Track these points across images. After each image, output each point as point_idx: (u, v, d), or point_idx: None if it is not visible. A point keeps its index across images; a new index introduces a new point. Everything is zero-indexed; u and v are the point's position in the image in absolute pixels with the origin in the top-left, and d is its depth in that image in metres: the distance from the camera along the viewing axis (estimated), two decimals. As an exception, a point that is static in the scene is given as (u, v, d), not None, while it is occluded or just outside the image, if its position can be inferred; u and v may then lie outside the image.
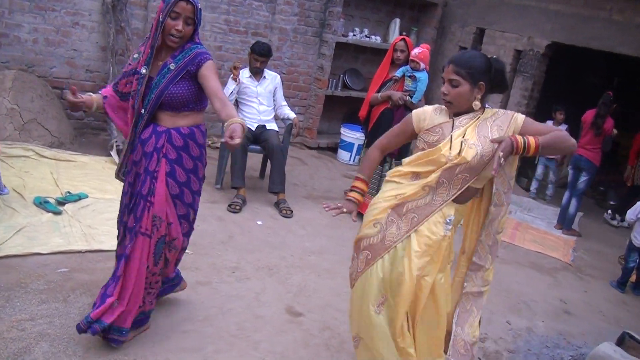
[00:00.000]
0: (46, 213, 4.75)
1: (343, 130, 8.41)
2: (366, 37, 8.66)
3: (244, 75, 6.09)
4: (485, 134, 2.82)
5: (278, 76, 6.34)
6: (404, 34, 8.29)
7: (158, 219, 3.20)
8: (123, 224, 3.36)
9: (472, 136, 2.81)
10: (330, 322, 4.05)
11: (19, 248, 4.14)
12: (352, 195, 3.09)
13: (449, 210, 2.87)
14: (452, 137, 2.81)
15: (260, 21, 7.83)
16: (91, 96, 3.32)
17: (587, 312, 5.20)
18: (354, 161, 8.27)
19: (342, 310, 4.22)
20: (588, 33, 7.45)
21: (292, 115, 6.31)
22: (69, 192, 5.13)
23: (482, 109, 2.90)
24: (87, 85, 6.78)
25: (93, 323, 3.10)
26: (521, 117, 2.87)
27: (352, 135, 8.22)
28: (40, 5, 6.45)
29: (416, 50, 5.84)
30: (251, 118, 6.16)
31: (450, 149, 2.80)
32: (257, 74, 6.13)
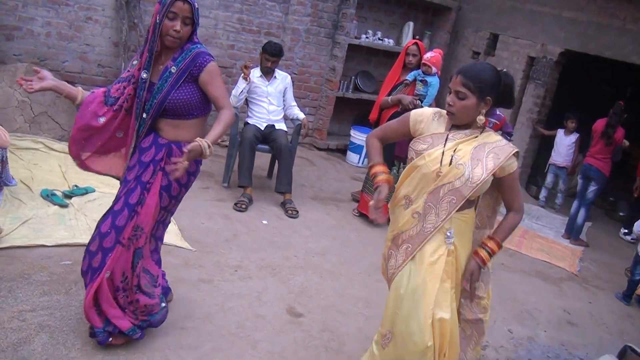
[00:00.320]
0: (52, 206, 4.77)
1: (353, 132, 8.41)
2: (379, 39, 8.64)
3: (254, 74, 6.10)
4: (479, 157, 2.74)
5: (289, 76, 6.35)
6: (417, 37, 8.29)
7: (140, 229, 3.11)
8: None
9: (465, 155, 2.74)
10: (331, 323, 4.05)
11: (24, 239, 4.17)
12: (378, 181, 2.90)
13: (447, 224, 2.80)
14: (444, 151, 2.75)
15: (273, 21, 7.84)
16: (79, 88, 3.18)
17: (590, 323, 5.16)
18: (362, 164, 8.26)
19: (343, 312, 4.22)
20: (601, 42, 7.41)
21: (302, 115, 6.31)
22: (76, 186, 5.16)
23: (481, 128, 2.82)
24: (98, 80, 6.81)
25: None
26: (515, 165, 2.80)
27: (362, 138, 8.20)
28: (54, 0, 6.49)
29: (429, 55, 5.83)
30: (260, 117, 6.17)
31: (441, 162, 2.74)
32: (268, 73, 6.14)
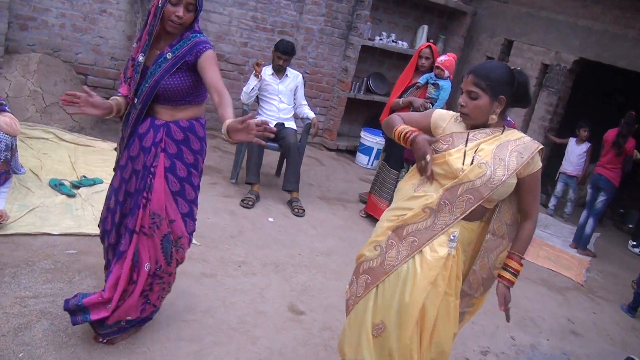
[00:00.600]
0: (60, 195, 4.80)
1: (363, 133, 8.40)
2: (393, 42, 8.64)
3: (266, 72, 6.11)
4: (502, 157, 2.66)
5: (300, 75, 6.35)
6: (431, 41, 8.26)
7: (157, 217, 3.04)
8: (117, 226, 3.17)
9: (487, 155, 2.66)
10: (332, 322, 4.04)
11: (30, 227, 4.19)
12: (410, 130, 2.80)
13: (453, 227, 2.72)
14: (465, 151, 2.68)
15: (287, 20, 7.84)
16: (116, 100, 3.11)
17: (594, 334, 5.13)
18: (372, 165, 8.25)
19: (345, 311, 4.20)
20: (616, 51, 7.36)
21: (312, 115, 6.31)
22: (84, 177, 5.18)
23: (502, 127, 2.75)
24: (110, 72, 6.85)
25: (80, 311, 3.05)
26: (539, 164, 2.72)
27: (372, 140, 8.20)
28: (70, -9, 6.54)
29: (442, 58, 5.81)
30: (270, 115, 6.18)
31: (463, 162, 2.66)
32: (279, 71, 6.15)
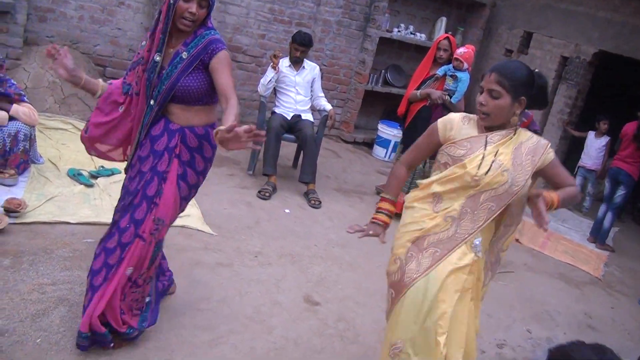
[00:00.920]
0: (78, 185, 4.84)
1: (381, 126, 8.37)
2: (411, 34, 8.58)
3: (283, 64, 6.11)
4: (519, 161, 2.62)
5: (317, 67, 6.34)
6: (449, 33, 8.20)
7: (161, 222, 3.00)
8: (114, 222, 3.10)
9: (507, 160, 2.61)
10: (347, 314, 4.04)
11: (49, 215, 4.23)
12: (377, 218, 2.88)
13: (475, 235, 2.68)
14: (484, 155, 2.61)
15: (304, 12, 7.82)
16: (98, 80, 3.12)
17: (611, 328, 5.08)
18: (389, 158, 8.22)
19: (360, 303, 4.21)
20: (636, 43, 7.26)
21: (329, 107, 6.30)
22: (102, 167, 5.22)
23: (515, 127, 2.70)
24: (129, 64, 6.86)
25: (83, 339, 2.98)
26: (551, 155, 2.70)
27: (390, 132, 8.18)
28: (88, -17, 6.56)
29: (461, 50, 5.77)
30: (287, 107, 6.18)
31: (479, 167, 2.60)
32: (296, 63, 6.14)
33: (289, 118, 6.13)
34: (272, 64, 5.96)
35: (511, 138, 2.67)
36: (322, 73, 6.48)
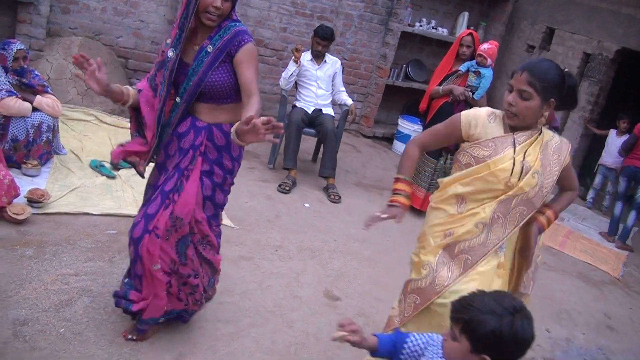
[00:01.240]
0: (100, 176, 4.88)
1: (401, 121, 8.33)
2: (433, 28, 8.52)
3: (305, 58, 6.09)
4: (547, 163, 2.58)
5: (339, 61, 6.32)
6: (471, 28, 8.14)
7: (179, 220, 2.87)
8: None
9: (536, 163, 2.55)
10: (367, 309, 4.04)
11: (71, 206, 4.26)
12: (396, 200, 2.74)
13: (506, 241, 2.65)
14: (514, 160, 2.54)
15: (326, 5, 7.80)
16: (127, 89, 2.93)
17: (630, 329, 5.02)
18: (409, 153, 8.16)
19: (380, 298, 4.20)
20: (661, 41, 7.16)
21: (350, 101, 6.28)
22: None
23: (539, 127, 2.64)
24: (151, 56, 6.89)
25: (126, 299, 3.03)
26: (569, 157, 2.67)
27: (410, 127, 8.12)
28: (112, -25, 6.59)
29: (485, 46, 5.72)
30: (308, 101, 6.17)
31: (512, 172, 2.53)
32: (318, 57, 6.13)
33: (309, 112, 6.12)
34: (294, 57, 5.95)
35: (536, 138, 2.61)
36: (343, 67, 6.45)
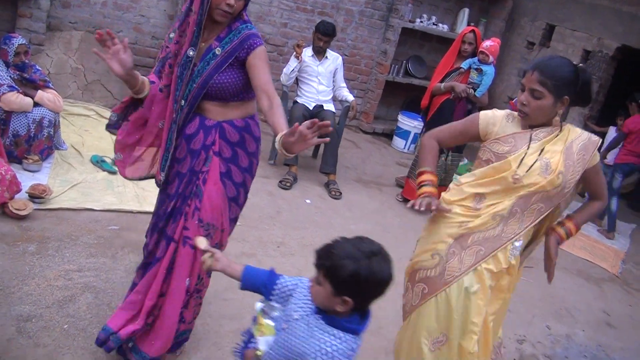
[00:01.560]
0: (102, 171, 4.87)
1: (401, 117, 8.32)
2: (433, 24, 8.51)
3: (306, 54, 6.08)
4: (571, 162, 2.52)
5: (340, 57, 6.31)
6: (472, 24, 8.14)
7: (212, 227, 2.75)
8: (158, 231, 2.87)
9: (559, 162, 2.50)
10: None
11: (73, 202, 4.26)
12: (425, 191, 2.68)
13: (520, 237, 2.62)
14: (526, 153, 2.51)
15: (327, 1, 7.77)
16: (145, 80, 2.76)
17: (629, 326, 5.05)
18: (408, 149, 8.18)
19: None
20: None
21: (351, 97, 6.28)
22: (125, 154, 5.23)
23: (560, 124, 2.60)
24: (152, 51, 6.88)
25: (110, 336, 2.80)
26: (598, 157, 2.62)
27: (410, 123, 8.12)
28: (113, -31, 6.56)
29: (487, 43, 5.71)
30: (309, 97, 6.16)
31: (519, 166, 2.50)
32: (319, 53, 6.12)
33: (310, 108, 6.11)
34: (295, 53, 5.95)
35: (557, 135, 2.57)
36: (343, 63, 6.44)
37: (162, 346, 2.82)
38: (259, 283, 2.18)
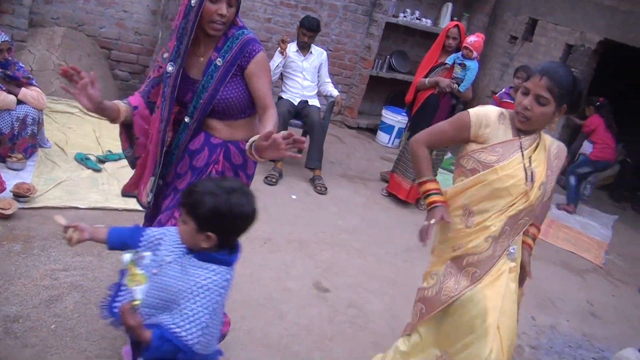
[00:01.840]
0: (86, 169, 4.84)
1: (385, 112, 8.34)
2: (417, 19, 8.52)
3: (290, 49, 6.08)
4: (551, 170, 2.54)
5: (325, 52, 6.31)
6: (455, 19, 8.17)
7: None
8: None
9: (541, 170, 2.52)
10: (357, 300, 4.06)
11: (58, 200, 4.23)
12: (432, 200, 2.64)
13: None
14: (524, 165, 2.50)
15: (311, -4, 7.77)
16: (118, 105, 2.61)
17: (613, 316, 5.12)
18: (392, 144, 8.21)
19: (370, 289, 4.23)
20: (642, 32, 7.24)
21: (335, 92, 6.28)
22: (109, 151, 5.21)
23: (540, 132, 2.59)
24: (135, 47, 6.84)
25: None
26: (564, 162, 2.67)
27: (394, 118, 8.15)
28: (95, -36, 6.50)
29: (472, 38, 5.73)
30: (294, 92, 6.16)
31: (526, 179, 2.48)
32: (304, 48, 6.11)
33: (295, 103, 6.11)
34: (279, 49, 5.94)
35: (539, 143, 2.56)
36: (328, 58, 6.44)
37: None
38: (125, 237, 2.24)
